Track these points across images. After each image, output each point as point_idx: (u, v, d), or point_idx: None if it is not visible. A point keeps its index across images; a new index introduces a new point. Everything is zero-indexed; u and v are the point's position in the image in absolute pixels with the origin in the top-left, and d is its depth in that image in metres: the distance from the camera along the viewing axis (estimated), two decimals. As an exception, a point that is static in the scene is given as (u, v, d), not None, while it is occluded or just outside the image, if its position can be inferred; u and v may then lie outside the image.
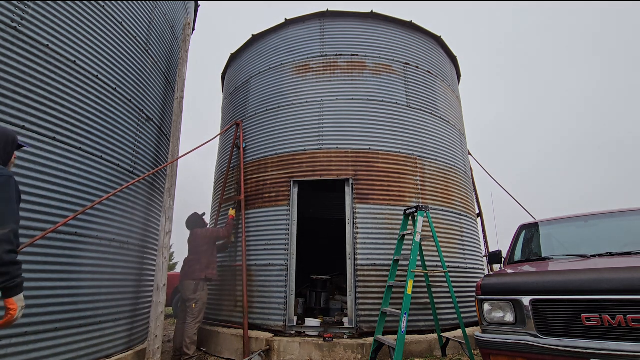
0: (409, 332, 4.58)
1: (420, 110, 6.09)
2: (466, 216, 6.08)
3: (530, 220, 4.71)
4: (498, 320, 2.66)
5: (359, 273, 4.85)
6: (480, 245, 6.49)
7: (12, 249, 1.64)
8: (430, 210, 5.12)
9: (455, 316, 4.87)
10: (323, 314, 5.39)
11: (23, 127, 2.93)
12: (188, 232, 5.06)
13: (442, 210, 5.62)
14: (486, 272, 6.53)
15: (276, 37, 6.66)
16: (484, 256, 6.81)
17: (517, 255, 3.79)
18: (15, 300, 1.67)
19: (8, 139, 1.90)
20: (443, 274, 4.98)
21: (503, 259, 3.91)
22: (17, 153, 2.07)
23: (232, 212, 5.39)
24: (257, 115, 6.22)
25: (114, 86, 4.02)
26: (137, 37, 4.52)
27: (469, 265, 5.68)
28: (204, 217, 5.30)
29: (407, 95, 6.06)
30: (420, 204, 4.97)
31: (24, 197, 2.87)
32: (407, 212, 4.64)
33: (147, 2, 4.82)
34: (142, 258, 4.51)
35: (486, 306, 2.74)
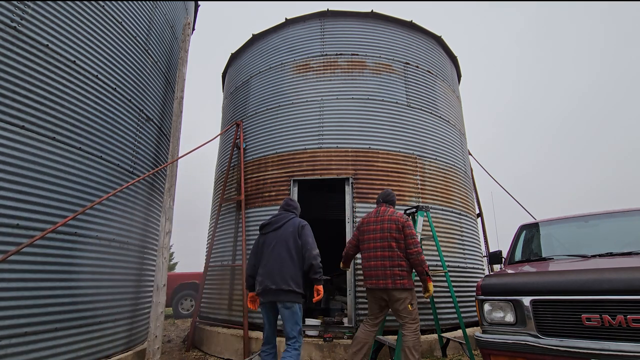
0: (409, 332, 4.57)
1: (420, 109, 6.08)
2: (466, 216, 6.07)
3: (530, 220, 4.71)
4: (498, 320, 2.65)
5: (358, 272, 4.84)
6: (480, 245, 6.48)
7: None
8: (430, 210, 5.11)
9: (456, 316, 4.86)
10: (323, 314, 5.38)
11: (23, 127, 2.93)
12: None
13: (442, 210, 5.62)
14: (486, 272, 6.52)
15: (276, 37, 6.66)
16: (484, 256, 6.80)
17: (518, 256, 3.78)
18: None
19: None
20: (443, 274, 4.97)
21: (503, 259, 3.90)
22: None
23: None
24: (258, 115, 6.21)
25: (114, 86, 4.02)
26: (137, 37, 4.52)
27: (469, 265, 5.67)
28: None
29: (407, 95, 6.05)
30: (421, 204, 4.96)
31: (23, 197, 2.88)
32: (407, 212, 4.63)
33: (147, 2, 4.82)
34: (142, 258, 4.51)
35: (486, 306, 2.73)
